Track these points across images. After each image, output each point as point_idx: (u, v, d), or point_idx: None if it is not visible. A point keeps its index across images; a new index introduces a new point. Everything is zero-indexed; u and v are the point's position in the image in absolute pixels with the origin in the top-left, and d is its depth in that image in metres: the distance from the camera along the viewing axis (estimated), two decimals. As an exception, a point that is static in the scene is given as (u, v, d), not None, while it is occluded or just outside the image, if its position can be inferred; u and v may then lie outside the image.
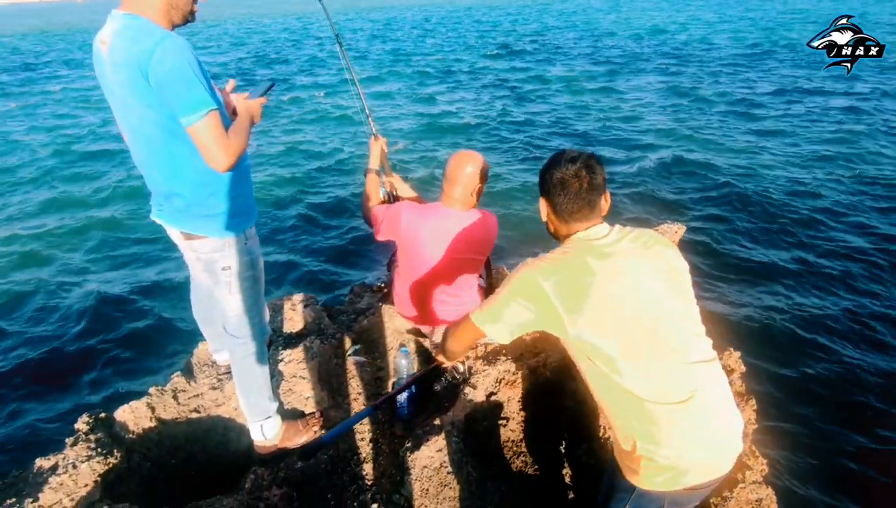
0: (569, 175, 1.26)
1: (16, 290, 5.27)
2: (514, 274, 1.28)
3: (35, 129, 11.94)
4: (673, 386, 1.17)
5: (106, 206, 7.35)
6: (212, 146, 1.38)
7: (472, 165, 1.97)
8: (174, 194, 1.55)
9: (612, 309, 1.19)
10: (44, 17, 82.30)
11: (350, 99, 13.56)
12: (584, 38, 23.27)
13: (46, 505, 1.61)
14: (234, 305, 1.71)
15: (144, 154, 1.51)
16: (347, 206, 7.01)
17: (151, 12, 1.37)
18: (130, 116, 1.44)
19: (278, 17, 49.07)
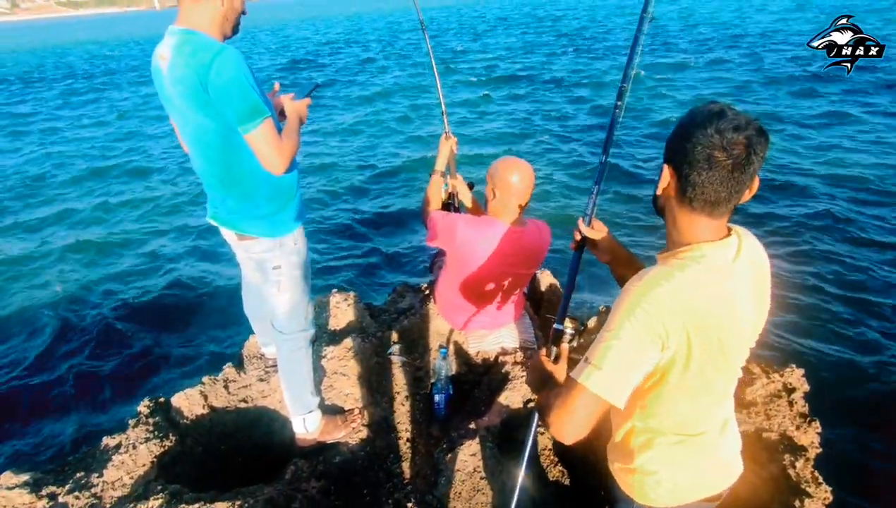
0: (725, 147, 0.90)
1: (91, 284, 5.76)
2: (626, 309, 0.95)
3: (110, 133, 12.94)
4: (704, 419, 1.11)
5: (169, 207, 7.87)
6: (268, 151, 1.46)
7: (520, 174, 1.89)
8: (229, 197, 1.64)
9: (716, 343, 0.99)
10: (126, 25, 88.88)
11: (396, 101, 13.78)
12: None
13: (109, 481, 1.75)
14: (282, 303, 1.79)
15: (203, 160, 1.60)
16: (393, 207, 7.12)
17: (207, 26, 1.45)
18: (189, 126, 1.52)
19: (326, 19, 50.47)
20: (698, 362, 0.97)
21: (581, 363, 0.98)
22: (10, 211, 8.22)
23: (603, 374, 0.94)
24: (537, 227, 2.02)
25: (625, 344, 0.93)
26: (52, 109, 16.86)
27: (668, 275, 0.96)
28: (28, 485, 1.75)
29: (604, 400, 0.94)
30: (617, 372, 0.94)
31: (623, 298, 0.98)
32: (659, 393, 1.03)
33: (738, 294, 0.99)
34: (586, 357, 0.98)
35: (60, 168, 10.33)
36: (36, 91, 21.20)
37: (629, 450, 1.15)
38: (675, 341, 0.94)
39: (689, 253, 0.99)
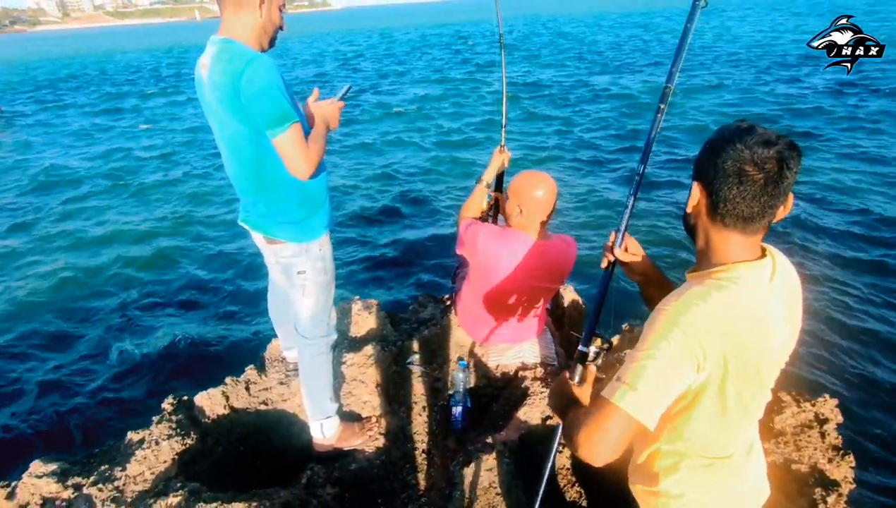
0: (756, 162, 0.89)
1: (123, 281, 5.95)
2: (662, 329, 0.92)
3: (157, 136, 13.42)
4: (733, 441, 1.07)
5: (203, 209, 8.10)
6: (293, 156, 1.49)
7: (542, 188, 1.88)
8: (259, 201, 1.68)
9: (752, 366, 0.96)
10: (171, 35, 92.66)
11: (428, 113, 13.94)
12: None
13: (132, 476, 1.79)
14: (306, 307, 1.81)
15: (235, 164, 1.65)
16: (421, 217, 7.17)
17: (245, 37, 1.52)
18: (224, 130, 1.58)
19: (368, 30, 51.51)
20: (734, 385, 0.95)
21: (613, 382, 0.94)
22: (53, 208, 8.58)
23: (637, 394, 0.90)
24: (563, 242, 2.00)
25: (660, 365, 0.91)
26: (92, 112, 17.62)
27: (705, 295, 0.93)
28: (55, 475, 1.81)
29: (637, 420, 0.91)
30: (651, 392, 0.91)
31: (658, 318, 0.95)
32: (690, 415, 1.01)
33: (774, 316, 0.97)
34: (618, 376, 0.94)
35: (105, 167, 10.76)
36: (79, 94, 22.21)
37: (653, 472, 1.12)
38: (711, 363, 0.92)
39: (726, 273, 0.96)
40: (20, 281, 6.11)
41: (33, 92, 24.56)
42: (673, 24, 35.21)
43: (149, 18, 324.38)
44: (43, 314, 5.34)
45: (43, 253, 6.88)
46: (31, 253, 6.92)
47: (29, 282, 6.04)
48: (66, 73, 33.80)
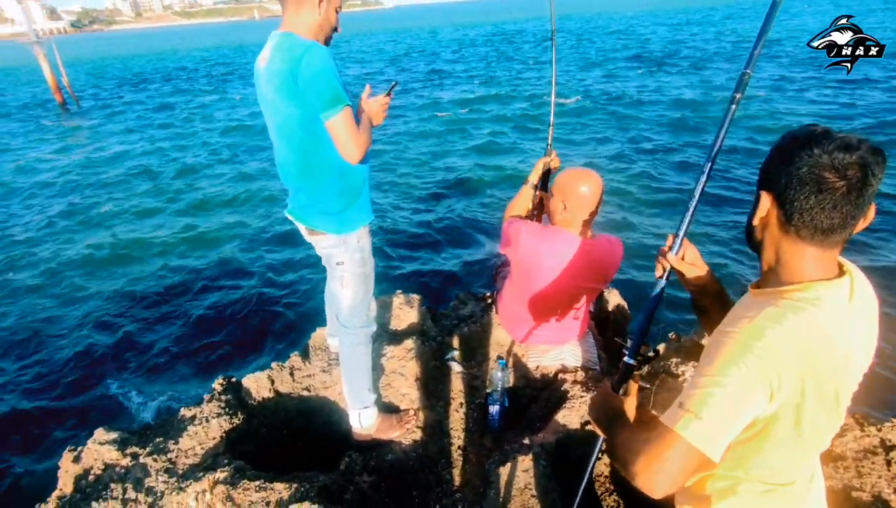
0: (836, 167, 0.82)
1: (187, 270, 6.28)
2: (733, 353, 0.85)
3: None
4: (796, 468, 1.00)
5: (260, 200, 8.44)
6: (346, 138, 1.56)
7: (588, 185, 1.84)
8: (302, 189, 1.75)
9: (831, 394, 0.90)
10: (232, 33, 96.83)
11: (475, 113, 13.90)
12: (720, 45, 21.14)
13: (183, 449, 1.89)
14: (345, 297, 1.87)
15: (285, 151, 1.71)
16: (462, 217, 7.18)
17: (304, 32, 1.60)
18: (278, 117, 1.64)
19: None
20: (810, 413, 0.89)
21: (675, 409, 0.88)
22: (117, 197, 9.17)
23: (703, 424, 0.84)
24: (609, 242, 1.94)
25: (729, 392, 0.83)
26: (160, 106, 18.68)
27: (780, 318, 0.85)
28: (116, 443, 1.93)
29: (700, 452, 0.84)
30: (718, 422, 0.84)
31: (726, 341, 0.87)
32: (759, 444, 0.94)
33: (854, 339, 0.90)
34: (680, 402, 0.87)
35: (168, 158, 11.40)
36: (149, 88, 23.59)
37: (705, 495, 1.06)
38: (787, 391, 0.85)
39: (802, 293, 0.88)
40: (83, 257, 6.57)
41: (113, 85, 26.31)
42: (732, 24, 33.51)
43: (212, 18, 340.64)
44: (107, 297, 5.73)
45: (119, 232, 7.38)
46: (117, 230, 7.43)
47: (94, 258, 6.49)
48: (139, 68, 35.98)
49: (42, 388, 4.22)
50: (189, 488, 1.62)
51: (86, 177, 10.48)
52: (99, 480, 1.83)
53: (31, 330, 5.05)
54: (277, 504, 1.57)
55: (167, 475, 1.78)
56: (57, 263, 6.47)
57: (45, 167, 11.48)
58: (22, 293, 5.85)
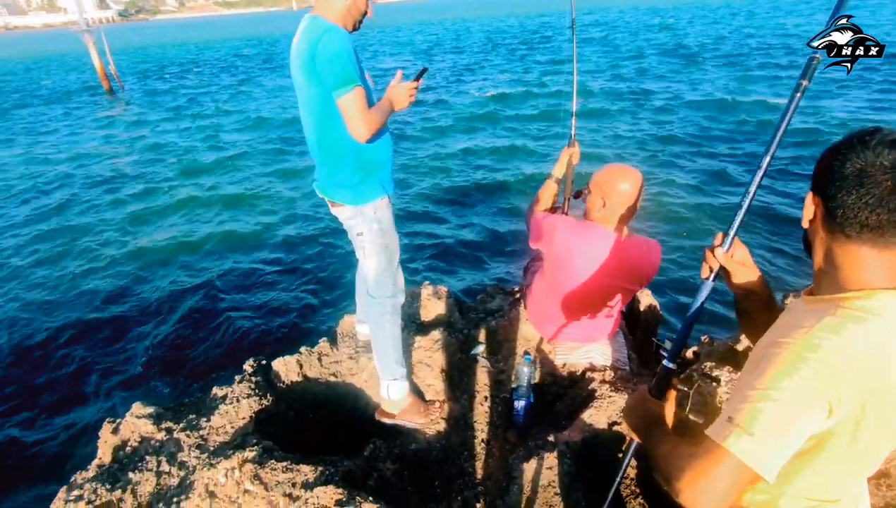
0: (879, 163, 0.79)
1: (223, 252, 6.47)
2: (787, 364, 0.80)
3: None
4: (844, 486, 0.95)
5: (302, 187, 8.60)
6: (354, 117, 1.62)
7: (628, 182, 1.79)
8: (323, 165, 1.84)
9: (891, 414, 0.84)
10: (270, 23, 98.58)
11: (502, 105, 13.76)
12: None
13: (215, 426, 1.95)
14: (370, 268, 1.93)
15: (309, 127, 1.79)
16: (493, 208, 7.14)
17: (332, 16, 1.68)
18: (302, 95, 1.73)
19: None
20: (869, 431, 0.83)
21: (723, 423, 0.82)
22: (158, 181, 9.49)
23: (755, 441, 0.78)
24: (646, 243, 1.89)
25: (783, 408, 0.78)
26: (202, 92, 19.21)
27: (840, 329, 0.80)
28: (151, 417, 2.01)
29: (752, 470, 0.79)
30: (771, 439, 0.78)
31: (779, 351, 0.82)
32: (809, 460, 0.89)
33: None
34: (729, 416, 0.82)
35: (209, 144, 11.73)
36: (192, 77, 24.28)
37: (741, 506, 1.02)
38: (846, 407, 0.80)
39: (864, 301, 0.82)
40: (129, 240, 6.84)
41: (157, 73, 27.20)
42: (780, 18, 32.06)
43: (251, 8, 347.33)
44: (153, 274, 5.95)
45: (163, 216, 7.66)
46: (153, 217, 7.72)
47: (132, 246, 6.74)
48: (183, 56, 37.06)
49: (87, 362, 4.44)
50: (219, 465, 1.66)
51: (133, 160, 10.89)
52: (135, 452, 1.91)
53: (83, 306, 5.30)
54: (303, 486, 1.60)
55: (199, 451, 1.84)
56: (106, 247, 6.76)
57: (89, 151, 11.98)
58: (72, 275, 6.14)
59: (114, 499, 1.68)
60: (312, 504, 1.54)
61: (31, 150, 12.35)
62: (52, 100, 20.91)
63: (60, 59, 44.12)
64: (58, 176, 10.08)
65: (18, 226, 7.61)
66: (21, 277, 5.98)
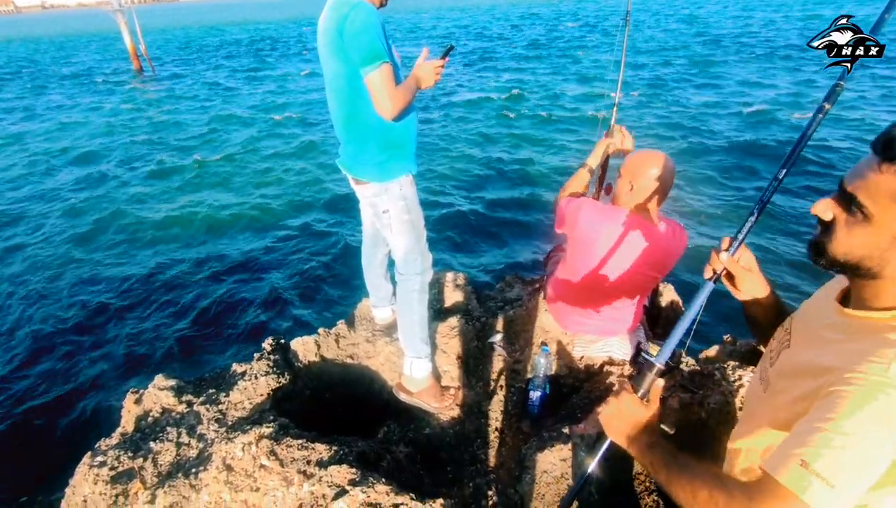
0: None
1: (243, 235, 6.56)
2: (867, 404, 0.72)
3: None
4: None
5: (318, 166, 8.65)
6: (381, 94, 1.59)
7: (658, 168, 1.74)
8: (348, 141, 1.82)
9: None
10: (300, 6, 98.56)
11: (532, 92, 13.55)
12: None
13: (233, 402, 1.99)
14: (398, 245, 1.93)
15: (334, 105, 1.78)
16: (515, 198, 7.07)
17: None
18: (328, 72, 1.72)
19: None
20: None
21: (792, 465, 0.72)
22: (185, 160, 9.64)
23: (835, 494, 0.69)
24: (673, 229, 1.83)
25: (867, 456, 0.70)
26: (231, 73, 19.40)
27: None
28: (173, 390, 2.06)
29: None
30: (854, 490, 0.70)
31: (851, 388, 0.74)
32: (875, 493, 0.79)
33: None
34: (803, 460, 0.72)
35: (237, 125, 11.86)
36: (222, 58, 24.52)
37: None
38: None
39: None
40: (155, 216, 6.98)
41: (188, 54, 27.55)
42: (854, 8, 30.75)
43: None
44: (178, 250, 6.08)
45: (187, 195, 7.80)
46: (178, 193, 7.86)
47: (158, 221, 6.89)
48: (214, 37, 37.43)
49: (110, 335, 4.57)
50: (237, 439, 1.69)
51: (162, 138, 11.10)
52: (157, 423, 1.96)
53: (106, 284, 5.45)
54: (317, 464, 1.62)
55: (217, 424, 1.87)
56: (129, 226, 6.92)
57: (119, 128, 12.23)
58: (98, 245, 6.30)
59: (135, 467, 1.73)
60: (326, 482, 1.56)
61: (58, 125, 12.67)
62: (83, 78, 21.38)
63: (94, 38, 45.01)
64: (83, 153, 10.33)
65: (42, 198, 7.83)
66: (45, 255, 6.15)
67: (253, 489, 1.59)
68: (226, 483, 1.60)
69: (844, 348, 0.81)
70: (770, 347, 1.12)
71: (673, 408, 1.83)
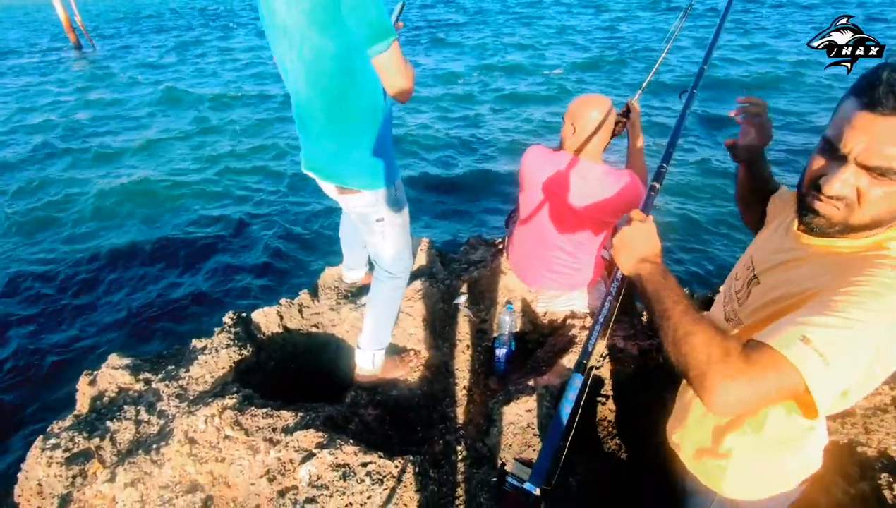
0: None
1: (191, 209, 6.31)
2: (876, 291, 0.74)
3: (226, 71, 13.82)
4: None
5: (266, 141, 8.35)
6: (399, 73, 1.40)
7: (599, 109, 1.75)
8: (332, 138, 1.52)
9: None
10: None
11: (501, 57, 13.37)
12: None
13: (194, 376, 1.93)
14: (388, 250, 1.79)
15: (308, 92, 1.47)
16: (479, 160, 7.04)
17: None
18: (305, 50, 1.39)
19: (440, -26, 49.54)
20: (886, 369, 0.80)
21: (793, 338, 0.74)
22: (129, 138, 9.15)
23: (829, 372, 0.72)
24: (617, 173, 1.84)
25: (868, 338, 0.73)
26: (178, 46, 18.34)
27: None
28: (128, 368, 1.98)
29: (812, 399, 0.73)
30: (845, 372, 0.73)
31: (860, 288, 0.75)
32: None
33: None
34: (803, 335, 0.73)
35: (183, 100, 11.27)
36: (166, 30, 23.12)
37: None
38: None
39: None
40: (97, 193, 6.63)
41: (128, 26, 25.82)
42: None
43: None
44: (129, 228, 5.81)
45: (137, 170, 7.41)
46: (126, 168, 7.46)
47: (113, 197, 6.56)
48: (155, 8, 35.15)
49: (57, 318, 4.36)
50: (198, 412, 1.65)
51: (99, 116, 10.45)
52: (113, 402, 1.89)
53: (46, 262, 5.17)
54: (283, 430, 1.61)
55: (178, 399, 1.82)
56: (73, 204, 6.54)
57: (54, 105, 11.44)
58: (28, 229, 5.95)
59: (92, 447, 1.67)
60: (293, 447, 1.55)
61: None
62: (11, 56, 19.77)
63: (20, 9, 41.56)
64: (16, 137, 9.64)
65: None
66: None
67: (218, 459, 1.57)
68: (189, 456, 1.57)
69: (824, 271, 0.84)
70: (733, 287, 1.15)
71: (632, 355, 1.89)
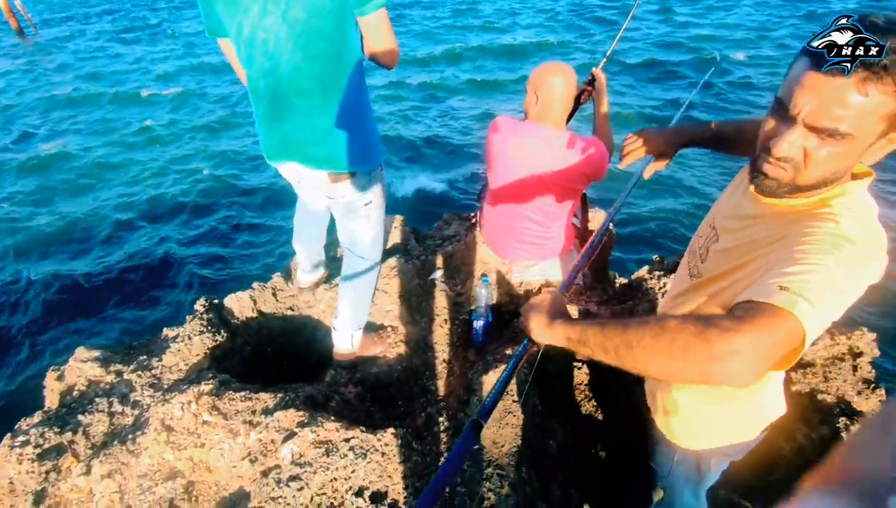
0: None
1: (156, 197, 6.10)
2: (830, 242, 0.77)
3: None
4: None
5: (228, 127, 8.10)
6: (390, 36, 1.37)
7: (561, 77, 1.76)
8: (327, 110, 1.41)
9: None
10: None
11: (475, 33, 13.18)
12: None
13: (167, 365, 1.89)
14: (370, 234, 1.77)
15: (301, 60, 1.33)
16: (451, 134, 6.99)
17: None
18: (296, 10, 1.27)
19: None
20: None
21: (773, 287, 0.73)
22: (78, 126, 8.74)
23: (816, 312, 0.71)
24: (584, 141, 1.86)
25: (838, 281, 0.74)
26: (125, 29, 17.45)
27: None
28: (98, 361, 1.93)
29: (805, 341, 0.72)
30: (827, 311, 0.74)
31: (811, 238, 0.79)
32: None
33: None
34: (781, 285, 0.73)
35: (134, 86, 10.79)
36: (113, 14, 21.92)
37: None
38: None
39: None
40: (54, 183, 6.35)
41: (74, 10, 24.34)
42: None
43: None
44: (98, 219, 5.59)
45: (99, 161, 7.10)
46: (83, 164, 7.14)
47: (80, 190, 6.28)
48: (95, -10, 33.18)
49: (20, 316, 4.20)
50: (174, 399, 1.63)
51: (44, 105, 9.92)
52: (84, 395, 1.84)
53: (6, 257, 4.95)
54: (263, 412, 1.60)
55: (152, 389, 1.79)
56: (23, 192, 6.25)
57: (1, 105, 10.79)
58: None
59: (64, 441, 1.63)
60: (274, 427, 1.54)
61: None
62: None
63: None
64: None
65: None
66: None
67: (197, 445, 1.55)
68: (167, 444, 1.54)
69: (778, 228, 0.88)
70: (696, 245, 1.18)
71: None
